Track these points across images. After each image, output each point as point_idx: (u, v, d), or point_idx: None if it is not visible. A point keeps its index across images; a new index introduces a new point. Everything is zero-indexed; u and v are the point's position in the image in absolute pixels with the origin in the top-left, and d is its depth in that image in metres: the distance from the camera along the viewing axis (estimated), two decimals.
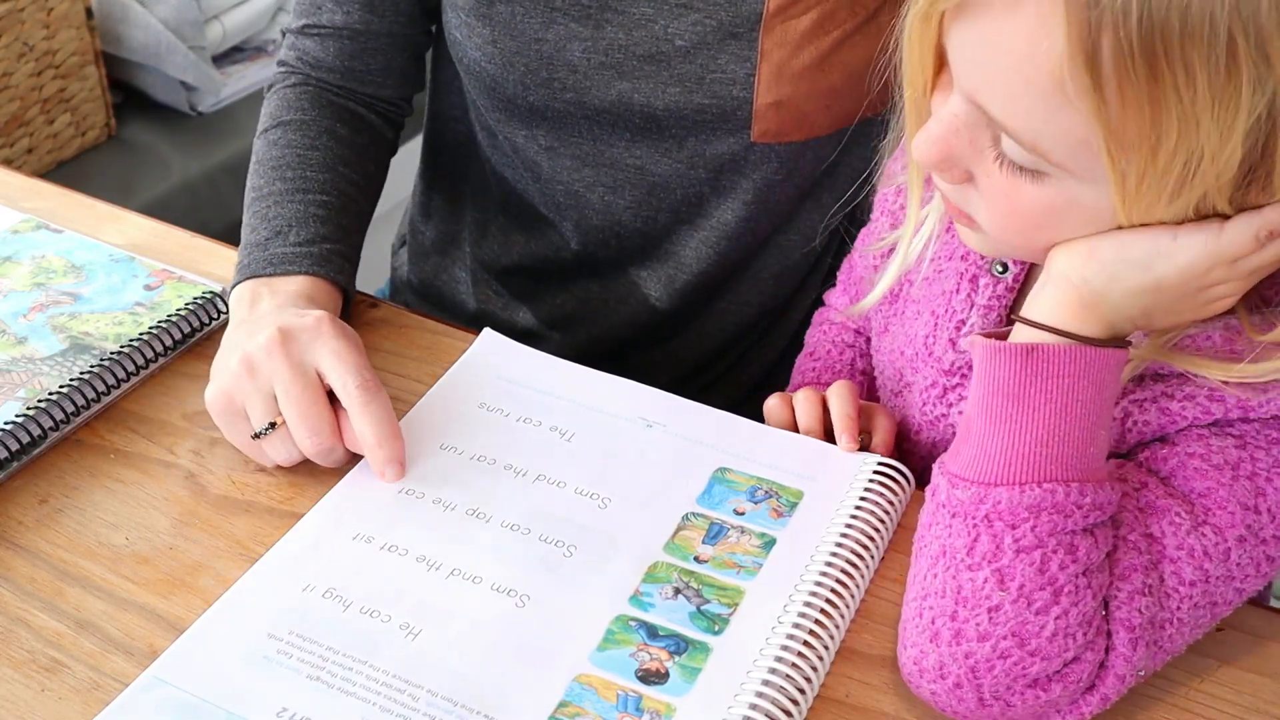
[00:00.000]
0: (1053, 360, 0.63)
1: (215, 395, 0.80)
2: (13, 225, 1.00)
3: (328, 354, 0.79)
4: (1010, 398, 0.63)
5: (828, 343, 0.98)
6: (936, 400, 0.80)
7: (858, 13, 0.91)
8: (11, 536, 0.76)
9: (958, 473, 0.65)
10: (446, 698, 0.67)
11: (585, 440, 0.83)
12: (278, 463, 0.80)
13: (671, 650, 0.69)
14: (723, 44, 0.92)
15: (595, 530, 0.76)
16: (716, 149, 0.97)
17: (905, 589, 0.69)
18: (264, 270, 0.88)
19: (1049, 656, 0.63)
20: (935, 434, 0.81)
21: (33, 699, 0.67)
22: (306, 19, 1.01)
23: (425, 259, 1.17)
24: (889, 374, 0.87)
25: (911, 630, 0.66)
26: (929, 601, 0.65)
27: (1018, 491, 0.63)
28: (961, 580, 0.64)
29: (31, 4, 1.71)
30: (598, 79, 0.94)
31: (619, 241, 1.04)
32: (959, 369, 0.79)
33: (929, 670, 0.65)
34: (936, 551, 0.66)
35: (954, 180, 0.66)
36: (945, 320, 0.79)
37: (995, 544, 0.63)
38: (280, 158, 0.95)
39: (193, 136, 1.91)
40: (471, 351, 0.90)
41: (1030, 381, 0.63)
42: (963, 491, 0.64)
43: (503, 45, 0.94)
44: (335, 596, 0.72)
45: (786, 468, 0.80)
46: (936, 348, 0.80)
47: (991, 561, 0.63)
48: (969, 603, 0.64)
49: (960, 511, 0.64)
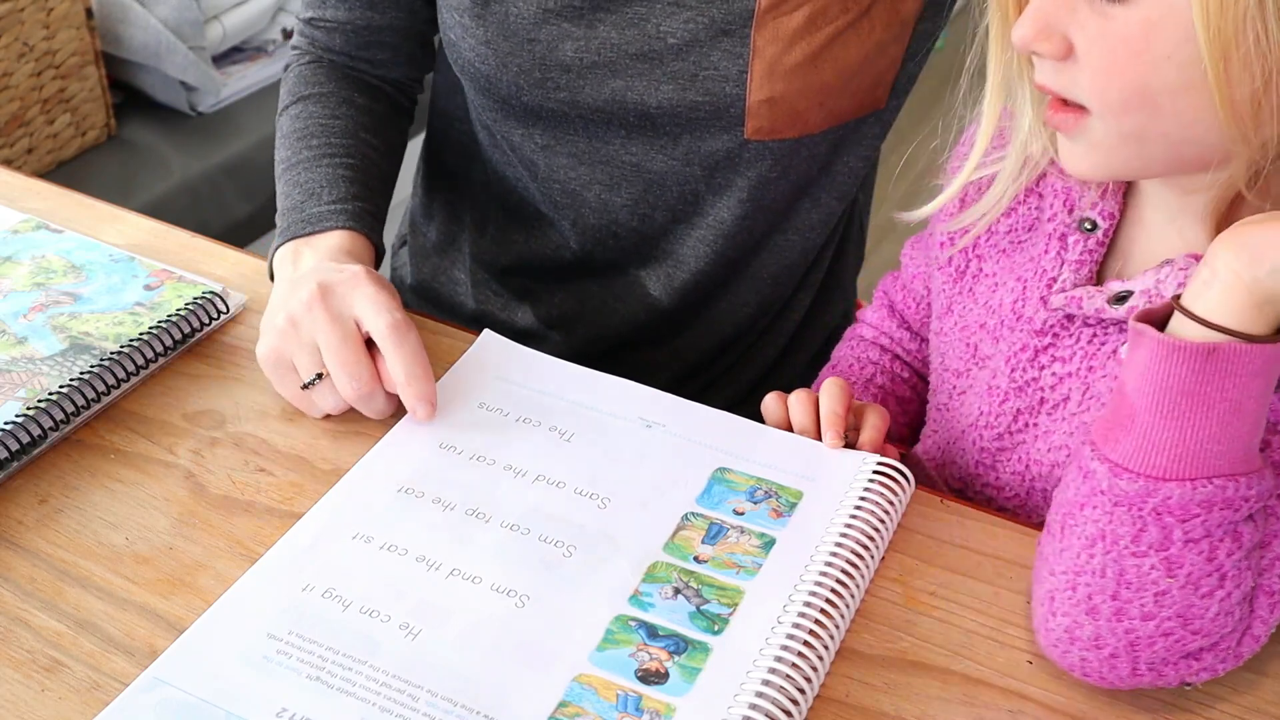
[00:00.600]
0: (1234, 361, 0.62)
1: (265, 352, 0.84)
2: (13, 225, 1.00)
3: (365, 302, 0.82)
4: (1186, 395, 0.63)
5: (851, 358, 1.00)
6: (1028, 364, 0.81)
7: (850, 9, 0.91)
8: (11, 536, 0.76)
9: (1121, 463, 0.65)
10: (446, 698, 0.67)
11: (585, 440, 0.83)
12: (327, 411, 0.84)
13: (671, 650, 0.69)
14: (715, 41, 0.92)
15: (595, 530, 0.76)
16: (711, 146, 0.97)
17: (1040, 558, 0.70)
18: (303, 230, 0.92)
19: (1210, 634, 0.65)
20: (1023, 401, 0.81)
21: (33, 699, 0.67)
22: (313, 12, 1.05)
23: (426, 260, 1.18)
24: (956, 351, 0.87)
25: (1063, 601, 0.67)
26: (1085, 579, 0.66)
27: (1189, 488, 0.63)
28: (1125, 565, 0.65)
29: (31, 4, 1.71)
30: (591, 78, 0.94)
31: (617, 240, 1.04)
32: (1051, 328, 0.79)
33: (1082, 640, 0.67)
34: (1093, 534, 0.66)
35: (1055, 53, 0.67)
36: (1035, 281, 0.80)
37: (1164, 535, 0.64)
38: (304, 129, 1.00)
39: (193, 136, 1.91)
40: (471, 352, 0.90)
41: (1208, 380, 0.62)
42: (1128, 483, 0.64)
43: (496, 46, 0.95)
44: (335, 596, 0.72)
45: (786, 468, 0.80)
46: (1027, 309, 0.80)
47: (1159, 550, 0.64)
48: (1133, 586, 0.65)
49: (1125, 501, 0.65)
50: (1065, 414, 0.79)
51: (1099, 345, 0.77)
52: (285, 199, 0.96)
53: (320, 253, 0.90)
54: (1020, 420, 0.82)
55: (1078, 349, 0.78)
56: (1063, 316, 0.79)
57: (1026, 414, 0.81)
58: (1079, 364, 0.78)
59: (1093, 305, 0.76)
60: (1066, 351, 0.79)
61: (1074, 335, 0.78)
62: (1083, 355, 0.78)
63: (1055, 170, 0.80)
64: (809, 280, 1.13)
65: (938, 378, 0.90)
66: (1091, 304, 0.76)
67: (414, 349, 0.82)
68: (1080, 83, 0.68)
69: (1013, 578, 0.75)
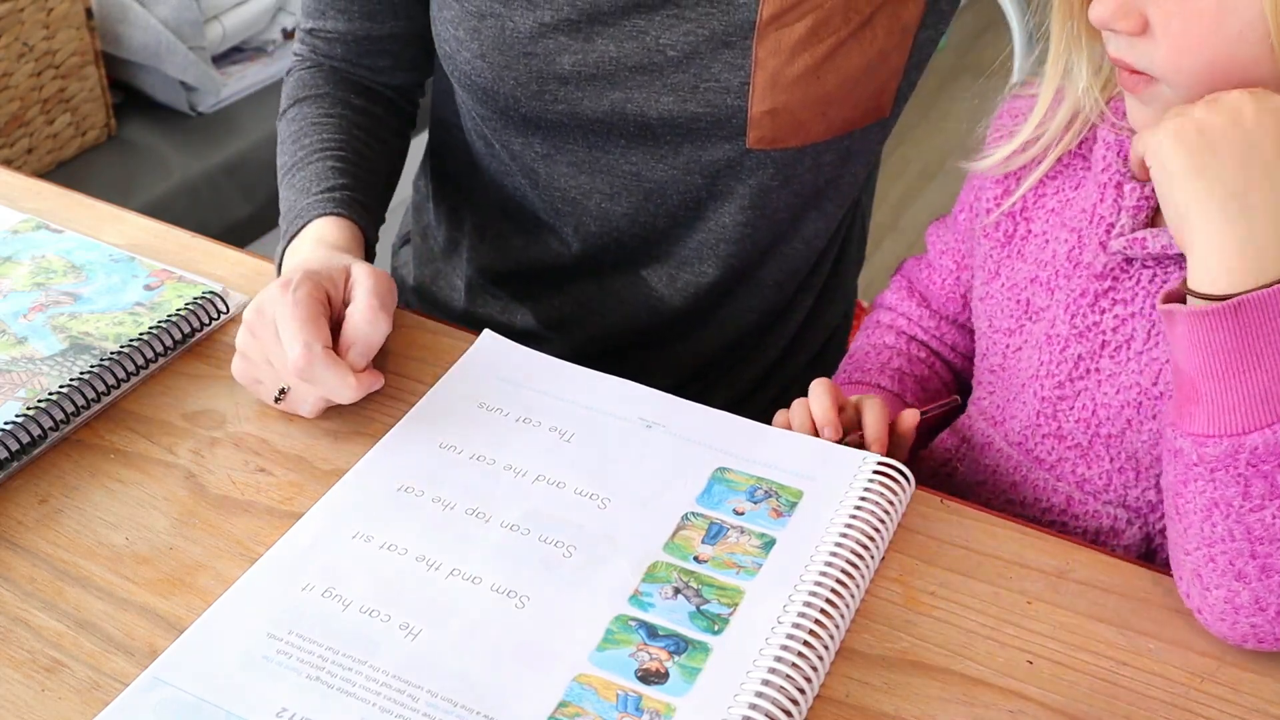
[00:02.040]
0: (1263, 307, 0.65)
1: (235, 372, 0.85)
2: (13, 225, 1.00)
3: (284, 323, 0.81)
4: (1233, 353, 0.66)
5: (867, 346, 1.02)
6: (1088, 309, 0.82)
7: (851, 20, 0.91)
8: (11, 536, 0.77)
9: (1201, 432, 0.67)
10: (446, 698, 0.67)
11: (585, 440, 0.83)
12: (312, 414, 0.84)
13: (671, 650, 0.69)
14: (716, 53, 0.92)
15: (595, 530, 0.76)
16: (712, 155, 0.96)
17: (1173, 546, 0.72)
18: (294, 228, 0.93)
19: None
20: (1084, 346, 0.83)
21: (33, 699, 0.67)
22: (312, 23, 1.05)
23: (429, 263, 1.17)
24: (1006, 310, 0.88)
25: (1210, 575, 0.69)
26: (1219, 548, 0.68)
27: (1271, 433, 0.65)
28: (1249, 522, 0.67)
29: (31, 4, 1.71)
30: (589, 90, 0.94)
31: (618, 248, 1.04)
32: (1111, 271, 0.81)
33: (1245, 606, 0.68)
34: (1206, 504, 0.68)
35: (1132, 29, 0.70)
36: (1092, 229, 0.82)
37: (1269, 484, 0.66)
38: (299, 131, 1.01)
39: (193, 136, 1.91)
40: (471, 352, 0.90)
41: (1247, 332, 0.65)
42: (1214, 448, 0.67)
43: (492, 59, 0.95)
44: (335, 596, 0.72)
45: (786, 467, 0.80)
46: (1086, 255, 0.82)
47: (1273, 498, 0.66)
48: (1265, 539, 0.67)
49: (1220, 465, 0.67)
50: (1131, 354, 0.81)
51: (1161, 283, 0.79)
52: (282, 203, 0.97)
53: (301, 248, 0.91)
54: (1082, 366, 0.83)
55: (1138, 289, 0.80)
56: (1122, 260, 0.80)
57: (1088, 359, 0.83)
58: (1142, 303, 0.80)
59: (1158, 243, 0.77)
60: (1128, 293, 0.80)
61: (1133, 277, 0.80)
62: (1144, 294, 0.80)
63: (1105, 124, 0.82)
64: (811, 283, 1.13)
65: (987, 341, 0.91)
66: (1157, 242, 0.77)
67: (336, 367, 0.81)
68: (1155, 57, 0.71)
69: (1013, 578, 0.75)
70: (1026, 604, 0.73)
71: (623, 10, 0.91)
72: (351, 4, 1.02)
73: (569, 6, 0.91)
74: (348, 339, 0.83)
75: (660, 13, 0.91)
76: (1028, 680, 0.70)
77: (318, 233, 0.92)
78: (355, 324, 0.83)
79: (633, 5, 0.91)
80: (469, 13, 0.94)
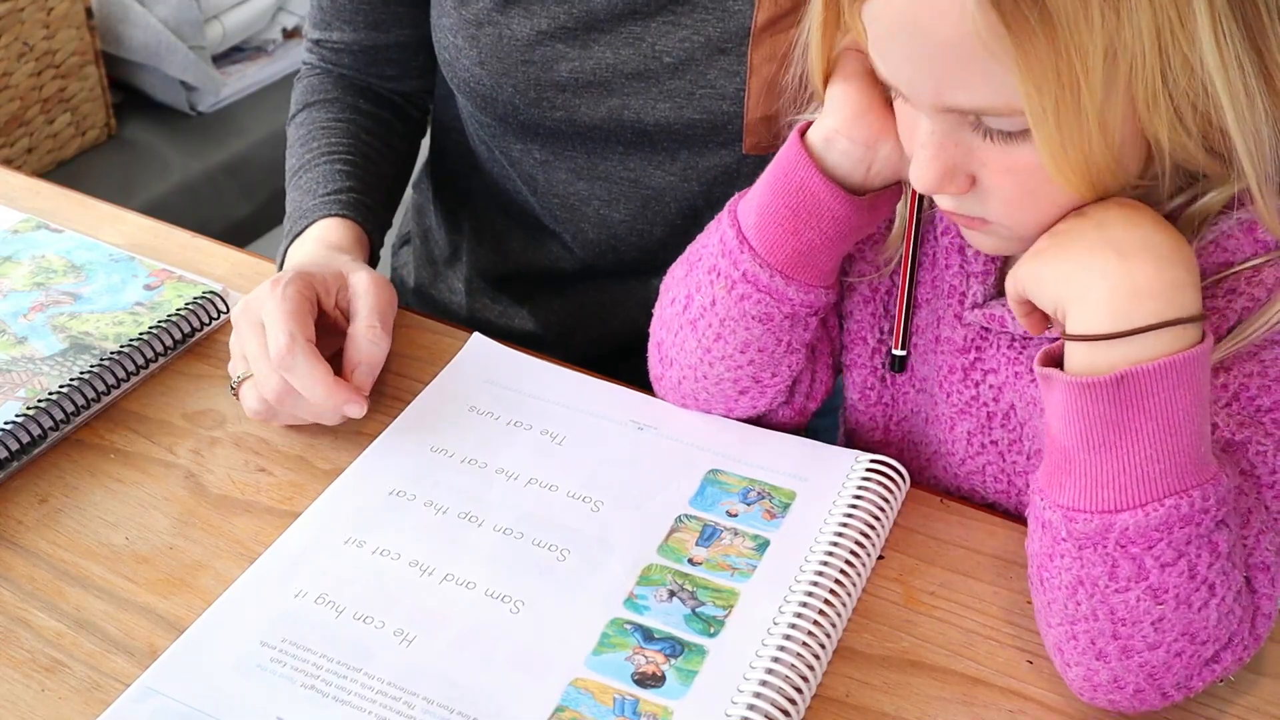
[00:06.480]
0: (1147, 382, 0.60)
1: (232, 371, 0.84)
2: (13, 225, 1.01)
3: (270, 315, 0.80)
4: (1110, 425, 0.61)
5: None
6: (960, 384, 0.79)
7: None
8: (11, 536, 0.77)
9: (1071, 505, 0.63)
10: (442, 705, 0.67)
11: (576, 443, 0.83)
12: (260, 410, 0.82)
13: (667, 653, 0.69)
14: (711, 60, 0.92)
15: (588, 533, 0.76)
16: (709, 161, 0.97)
17: (1037, 614, 0.69)
18: (297, 228, 0.94)
19: (1219, 638, 0.64)
20: (971, 422, 0.80)
21: (33, 699, 0.67)
22: (319, 34, 1.07)
23: (430, 266, 1.18)
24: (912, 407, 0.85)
25: (1071, 652, 0.66)
26: (1080, 626, 0.65)
27: (1142, 514, 0.61)
28: (1114, 604, 0.63)
29: (31, 4, 1.71)
30: (587, 96, 0.94)
31: (616, 253, 1.04)
32: (973, 342, 0.77)
33: (1103, 685, 0.66)
34: (1072, 581, 0.65)
35: (960, 190, 0.66)
36: (944, 302, 0.78)
37: (1137, 566, 0.62)
38: (307, 134, 1.02)
39: (193, 136, 1.91)
40: (461, 355, 0.90)
41: (1128, 406, 0.61)
42: (1084, 524, 0.63)
43: (491, 66, 0.95)
44: (328, 603, 0.72)
45: (778, 468, 0.80)
46: (944, 329, 0.78)
47: (1139, 581, 0.63)
48: (1128, 621, 0.63)
49: (1088, 543, 0.63)
50: (1020, 419, 0.77)
51: (1020, 349, 0.76)
52: (289, 205, 0.98)
53: (302, 247, 0.91)
54: (975, 442, 0.80)
55: (1000, 357, 0.77)
56: (979, 329, 0.77)
57: (980, 434, 0.80)
58: (1007, 374, 0.77)
59: (1019, 328, 0.72)
60: (994, 363, 0.77)
61: (993, 344, 0.77)
62: (1008, 362, 0.76)
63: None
64: None
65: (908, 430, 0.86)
66: (1018, 326, 0.72)
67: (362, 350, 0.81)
68: (989, 208, 0.66)
69: (1013, 578, 0.75)
70: (1026, 604, 0.73)
71: (619, 17, 0.91)
72: (356, 15, 1.03)
73: (566, 14, 0.92)
74: (353, 359, 0.83)
75: (657, 19, 0.91)
76: (1027, 680, 0.70)
77: (320, 233, 0.93)
78: (359, 344, 0.83)
79: (629, 11, 0.91)
80: (467, 21, 0.94)
